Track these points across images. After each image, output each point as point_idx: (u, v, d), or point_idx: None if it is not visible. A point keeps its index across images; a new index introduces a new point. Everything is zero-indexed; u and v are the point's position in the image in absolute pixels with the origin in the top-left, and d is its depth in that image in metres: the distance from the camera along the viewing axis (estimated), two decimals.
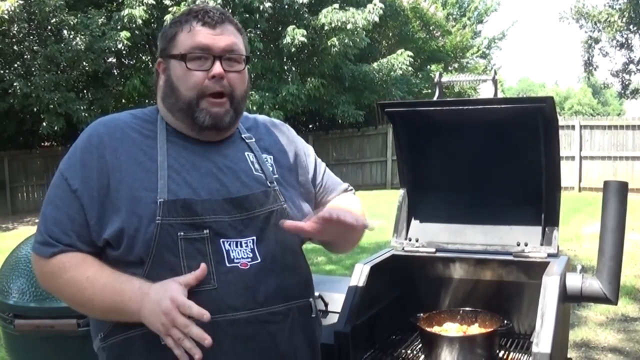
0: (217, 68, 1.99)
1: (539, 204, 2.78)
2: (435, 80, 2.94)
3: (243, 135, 2.17)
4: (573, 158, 18.58)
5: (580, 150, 18.76)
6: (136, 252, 1.88)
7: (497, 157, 2.85)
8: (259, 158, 2.13)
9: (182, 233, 1.89)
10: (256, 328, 1.93)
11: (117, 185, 1.92)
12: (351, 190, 2.47)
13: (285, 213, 2.05)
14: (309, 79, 20.27)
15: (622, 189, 2.47)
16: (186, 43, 2.01)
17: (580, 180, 18.71)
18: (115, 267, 1.91)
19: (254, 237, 1.97)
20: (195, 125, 2.02)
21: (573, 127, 18.77)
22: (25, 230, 15.36)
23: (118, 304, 1.86)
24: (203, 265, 1.85)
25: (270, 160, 2.16)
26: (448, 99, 2.94)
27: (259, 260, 1.96)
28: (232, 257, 1.93)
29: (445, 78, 3.00)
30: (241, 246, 1.95)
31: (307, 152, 2.36)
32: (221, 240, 1.93)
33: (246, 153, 2.12)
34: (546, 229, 2.78)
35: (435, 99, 2.88)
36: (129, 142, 2.00)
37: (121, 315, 1.89)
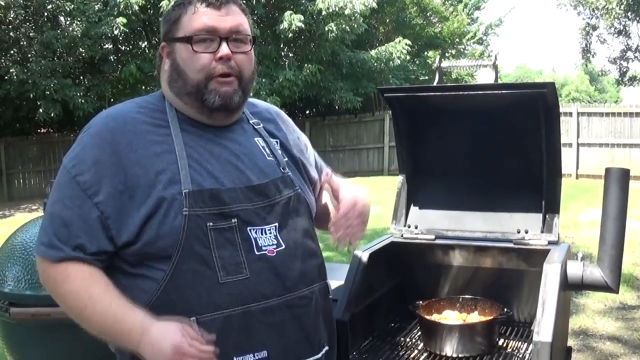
0: (225, 49, 1.95)
1: (540, 190, 2.76)
2: (435, 65, 2.91)
3: (251, 121, 2.15)
4: (570, 145, 18.56)
5: (578, 137, 18.75)
6: (162, 245, 1.83)
7: (498, 144, 2.82)
8: (269, 143, 2.11)
9: (210, 223, 1.86)
10: (286, 314, 1.94)
11: (137, 181, 1.86)
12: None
13: (300, 198, 2.07)
14: (306, 65, 20.21)
15: (624, 176, 2.45)
16: (191, 25, 1.96)
17: (577, 168, 18.71)
18: (139, 265, 1.87)
19: (276, 224, 1.97)
20: (205, 107, 1.97)
21: (570, 114, 18.73)
22: (22, 217, 15.33)
23: (117, 333, 1.82)
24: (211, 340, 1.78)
25: (277, 145, 2.15)
26: (447, 84, 2.92)
27: (283, 246, 1.96)
28: (259, 244, 1.92)
29: (446, 63, 2.97)
30: (266, 233, 1.94)
31: (306, 141, 2.36)
32: (248, 228, 1.92)
33: (256, 139, 2.10)
34: (547, 216, 2.76)
35: (435, 84, 2.86)
36: (143, 134, 1.93)
37: (117, 342, 1.88)
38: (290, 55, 21.45)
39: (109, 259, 1.89)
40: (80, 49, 18.13)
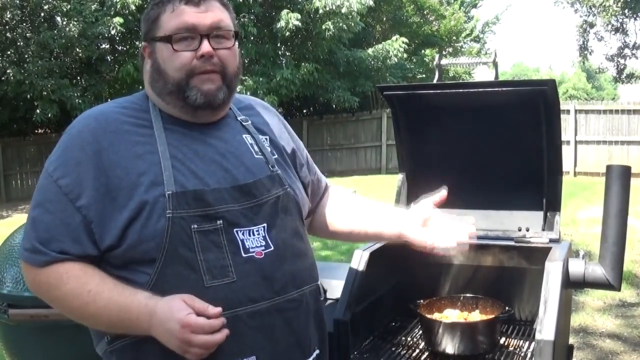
0: (206, 47, 1.89)
1: (540, 188, 2.75)
2: (435, 62, 2.90)
3: (239, 118, 2.10)
4: (568, 142, 18.55)
5: (576, 134, 18.76)
6: (146, 248, 1.79)
7: (498, 141, 2.81)
8: (257, 140, 2.06)
9: (195, 225, 1.81)
10: (275, 317, 1.88)
11: (119, 183, 1.81)
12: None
13: (290, 197, 2.02)
14: (303, 64, 20.19)
15: (625, 173, 2.44)
16: (171, 24, 1.91)
17: (575, 165, 18.73)
18: (123, 268, 1.82)
19: (265, 224, 1.92)
20: (188, 106, 1.93)
21: (568, 111, 18.73)
22: (20, 218, 15.31)
23: (125, 322, 1.78)
24: (219, 309, 1.75)
25: (267, 142, 2.09)
26: (447, 82, 2.91)
27: (272, 247, 1.90)
28: (247, 246, 1.86)
29: (445, 61, 2.95)
30: (253, 234, 1.89)
31: (299, 142, 2.32)
32: (235, 230, 1.86)
33: (244, 136, 2.05)
34: (548, 214, 2.75)
35: (435, 81, 2.84)
36: (124, 134, 1.89)
37: (129, 331, 1.83)
38: (288, 54, 21.46)
39: (95, 262, 1.84)
40: (77, 49, 18.13)
